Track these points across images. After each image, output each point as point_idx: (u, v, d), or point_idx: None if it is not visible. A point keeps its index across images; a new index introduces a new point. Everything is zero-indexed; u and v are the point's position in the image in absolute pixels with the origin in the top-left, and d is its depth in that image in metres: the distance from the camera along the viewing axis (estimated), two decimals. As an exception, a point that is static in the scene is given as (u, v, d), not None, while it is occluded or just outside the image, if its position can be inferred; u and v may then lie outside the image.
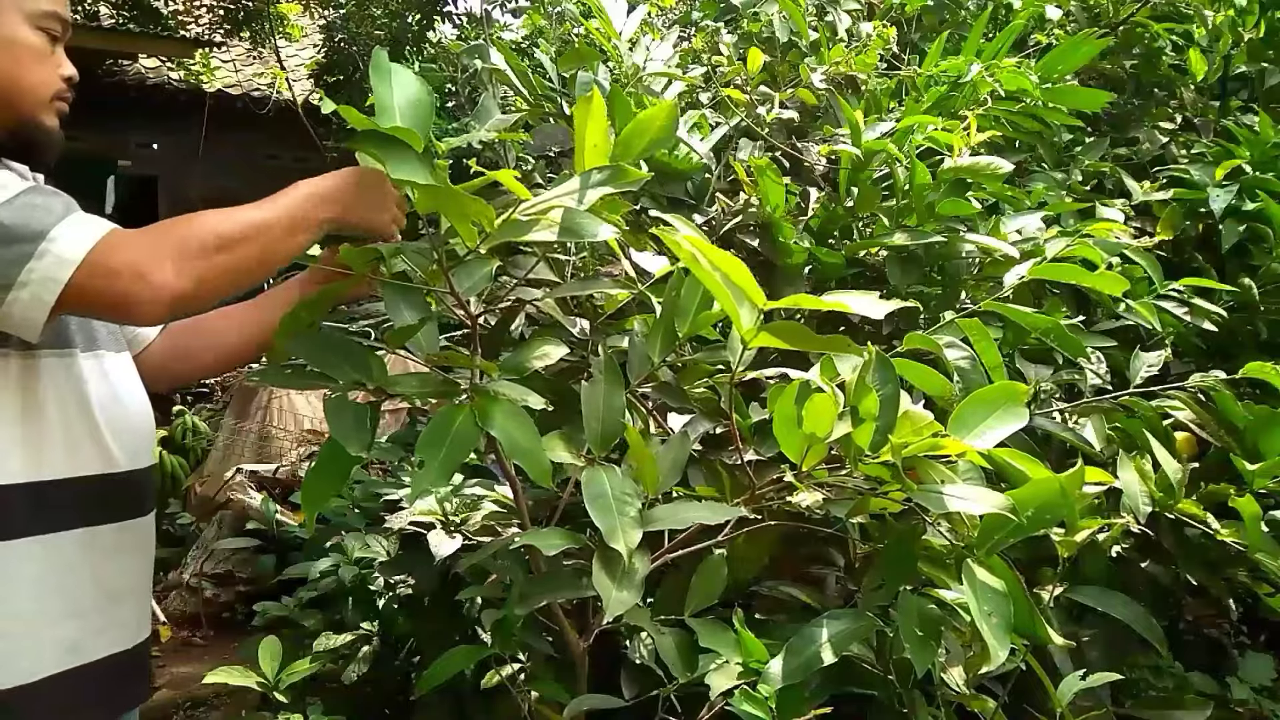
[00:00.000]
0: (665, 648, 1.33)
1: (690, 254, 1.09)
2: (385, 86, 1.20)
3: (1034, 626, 1.24)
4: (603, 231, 1.15)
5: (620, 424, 1.31)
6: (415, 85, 1.22)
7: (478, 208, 1.12)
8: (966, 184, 1.82)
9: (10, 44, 1.18)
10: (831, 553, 1.58)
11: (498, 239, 1.17)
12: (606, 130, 1.21)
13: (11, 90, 1.20)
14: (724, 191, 1.98)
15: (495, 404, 1.19)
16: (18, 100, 1.21)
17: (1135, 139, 2.48)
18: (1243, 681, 1.85)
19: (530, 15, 3.11)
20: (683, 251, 1.10)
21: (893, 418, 1.18)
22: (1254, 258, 2.12)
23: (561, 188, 1.18)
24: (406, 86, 1.21)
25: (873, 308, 1.12)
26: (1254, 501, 1.47)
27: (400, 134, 1.13)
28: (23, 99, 1.21)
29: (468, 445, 1.17)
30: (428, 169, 1.12)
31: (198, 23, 8.84)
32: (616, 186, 1.16)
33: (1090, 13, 2.68)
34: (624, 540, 1.19)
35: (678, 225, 1.10)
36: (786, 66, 2.35)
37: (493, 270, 1.33)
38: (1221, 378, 1.68)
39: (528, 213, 1.17)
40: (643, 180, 1.17)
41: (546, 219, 1.15)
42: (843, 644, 1.25)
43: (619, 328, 1.54)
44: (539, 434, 1.21)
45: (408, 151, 1.12)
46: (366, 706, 1.86)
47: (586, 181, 1.16)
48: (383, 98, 1.19)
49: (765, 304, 1.10)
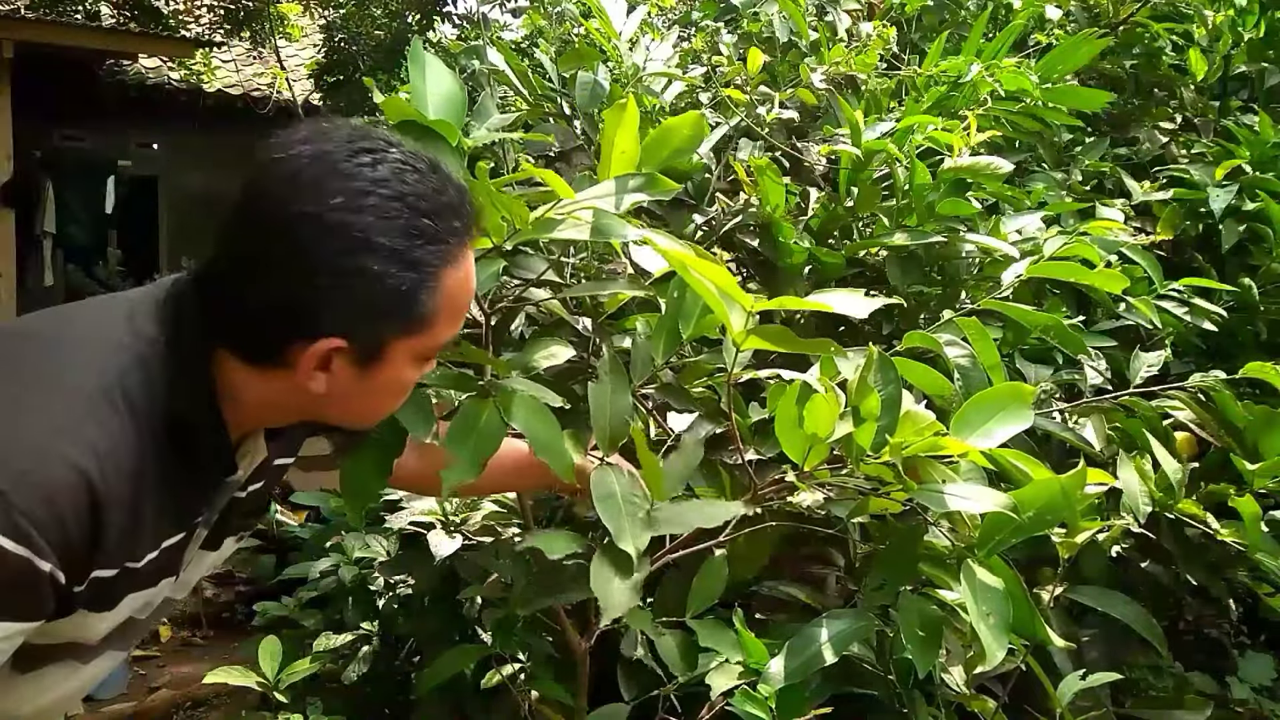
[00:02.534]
0: (666, 648, 1.33)
1: (678, 263, 1.10)
2: (420, 77, 1.19)
3: (1034, 626, 1.24)
4: (632, 234, 1.15)
5: (627, 424, 1.31)
6: (449, 79, 1.21)
7: (511, 202, 1.13)
8: (966, 184, 1.82)
9: (394, 388, 0.98)
10: (832, 553, 1.58)
11: (529, 235, 1.18)
12: (637, 137, 1.21)
13: (358, 420, 1.04)
14: (724, 191, 1.98)
15: (517, 399, 1.20)
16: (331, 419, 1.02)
17: (1135, 139, 2.48)
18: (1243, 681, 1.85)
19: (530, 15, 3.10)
20: (670, 260, 1.11)
21: (894, 417, 1.18)
22: (1254, 258, 2.12)
23: (595, 190, 1.18)
24: (441, 79, 1.21)
25: (856, 306, 1.12)
26: (1254, 501, 1.47)
27: (439, 126, 1.13)
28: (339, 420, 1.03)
29: (496, 438, 1.17)
30: (461, 161, 1.13)
31: (198, 23, 8.84)
32: (650, 194, 1.17)
33: (1090, 13, 2.68)
34: (633, 542, 1.19)
35: (657, 238, 1.10)
36: (786, 66, 2.35)
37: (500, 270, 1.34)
38: (1221, 378, 1.68)
39: (562, 212, 1.17)
40: (675, 191, 1.18)
41: (574, 218, 1.15)
42: (843, 644, 1.25)
43: (620, 327, 1.54)
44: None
45: (443, 143, 1.12)
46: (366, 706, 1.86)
47: (623, 187, 1.16)
48: (418, 88, 1.19)
49: (752, 306, 1.10)
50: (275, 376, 0.91)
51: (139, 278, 7.51)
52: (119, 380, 0.85)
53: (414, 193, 0.87)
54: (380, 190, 0.85)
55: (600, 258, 1.59)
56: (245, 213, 0.88)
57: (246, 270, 0.87)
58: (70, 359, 0.87)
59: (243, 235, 0.88)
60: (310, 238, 0.84)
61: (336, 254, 0.84)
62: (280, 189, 0.85)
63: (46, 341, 0.90)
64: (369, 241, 0.84)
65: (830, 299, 1.13)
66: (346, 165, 0.85)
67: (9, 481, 0.77)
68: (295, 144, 0.87)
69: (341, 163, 0.85)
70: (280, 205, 0.85)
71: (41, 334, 0.92)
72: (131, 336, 0.89)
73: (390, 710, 1.87)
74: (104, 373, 0.85)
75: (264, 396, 0.93)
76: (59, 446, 0.80)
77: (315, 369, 0.89)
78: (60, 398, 0.83)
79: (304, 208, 0.84)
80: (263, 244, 0.86)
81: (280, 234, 0.85)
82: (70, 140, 8.44)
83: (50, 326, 0.93)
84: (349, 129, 0.89)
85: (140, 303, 0.94)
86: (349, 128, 0.89)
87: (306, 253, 0.84)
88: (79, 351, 0.87)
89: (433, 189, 0.89)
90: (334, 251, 0.84)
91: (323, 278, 0.84)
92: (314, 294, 0.85)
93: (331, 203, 0.84)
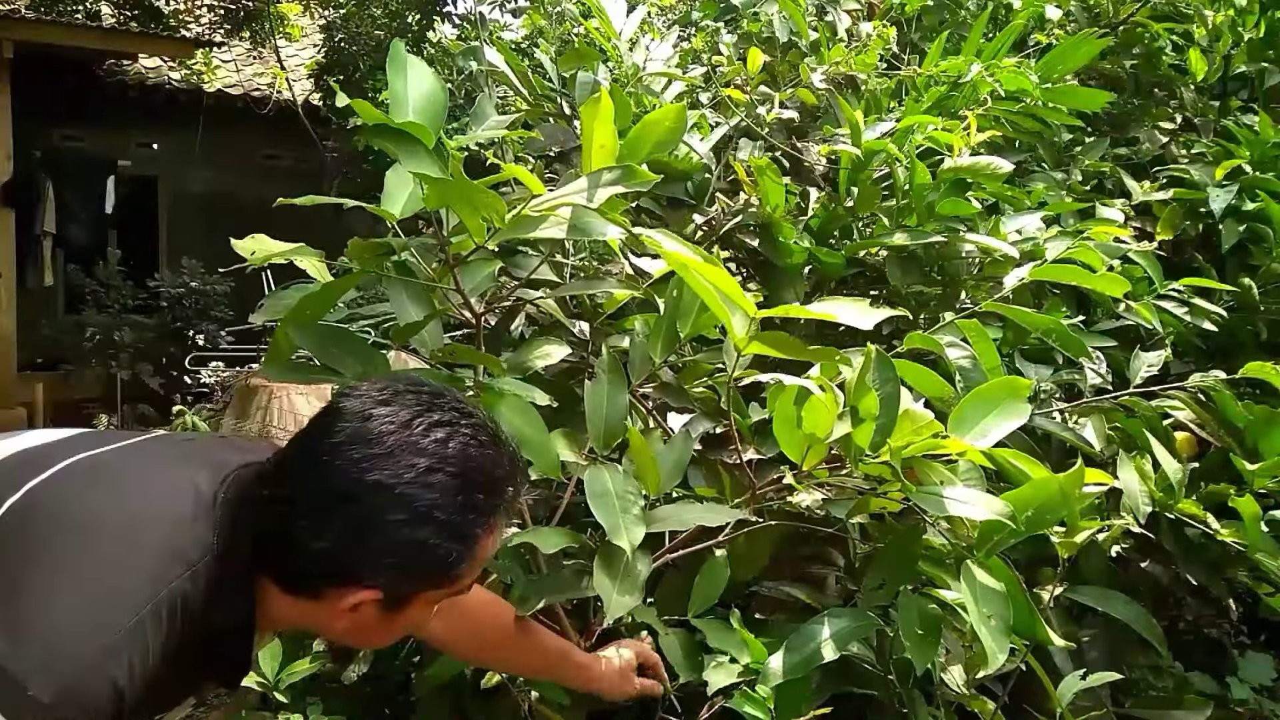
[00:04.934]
0: (669, 647, 1.33)
1: (680, 265, 1.09)
2: (400, 79, 1.19)
3: (1034, 627, 1.24)
4: (610, 231, 1.15)
5: (623, 423, 1.31)
6: (430, 79, 1.21)
7: (490, 201, 1.12)
8: (966, 184, 1.82)
9: (407, 627, 1.03)
10: (831, 553, 1.58)
11: (507, 234, 1.17)
12: (614, 131, 1.21)
13: (362, 646, 1.12)
14: (724, 191, 1.98)
15: (501, 399, 1.21)
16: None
17: (1135, 139, 2.48)
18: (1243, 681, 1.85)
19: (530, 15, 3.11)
20: (672, 262, 1.10)
21: (893, 417, 1.17)
22: (1254, 258, 2.12)
23: (571, 186, 1.18)
24: (421, 80, 1.21)
25: (861, 318, 1.12)
26: (1254, 501, 1.47)
27: (412, 129, 1.13)
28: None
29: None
30: (438, 163, 1.12)
31: (198, 22, 8.84)
32: (626, 187, 1.16)
33: (1090, 13, 2.68)
34: (627, 537, 1.19)
35: (661, 239, 1.10)
36: (786, 66, 2.35)
37: (496, 270, 1.34)
38: (1221, 378, 1.68)
39: (537, 209, 1.17)
40: (652, 182, 1.18)
41: (555, 216, 1.15)
42: (843, 642, 1.25)
43: (619, 327, 1.54)
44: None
45: (418, 146, 1.12)
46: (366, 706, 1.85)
47: (596, 181, 1.16)
48: (397, 91, 1.19)
49: (756, 313, 1.10)
50: (302, 604, 0.95)
51: (139, 278, 7.54)
52: (171, 596, 0.87)
53: (476, 468, 0.93)
54: (448, 468, 0.91)
55: (599, 258, 1.59)
56: (318, 466, 0.91)
57: (308, 517, 0.91)
58: (134, 565, 0.88)
59: (312, 487, 0.91)
60: (378, 507, 0.89)
61: (399, 524, 0.89)
62: (357, 452, 0.90)
63: (114, 530, 0.90)
64: (430, 515, 0.90)
65: (836, 309, 1.12)
66: (423, 440, 0.91)
67: (53, 693, 0.79)
68: (374, 404, 0.92)
69: (419, 437, 0.91)
70: (356, 468, 0.89)
71: (106, 516, 0.91)
72: (192, 542, 0.91)
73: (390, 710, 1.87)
74: (161, 585, 0.87)
75: (287, 617, 0.98)
76: (108, 668, 0.82)
77: (345, 611, 0.94)
78: (118, 614, 0.84)
79: (379, 477, 0.89)
80: (332, 501, 0.90)
81: (351, 497, 0.89)
82: (70, 140, 8.44)
83: (117, 503, 0.93)
84: (426, 395, 0.94)
85: (204, 492, 0.94)
86: (426, 393, 0.94)
87: (370, 519, 0.89)
88: (143, 557, 0.89)
89: (491, 462, 0.95)
90: (397, 522, 0.89)
91: (380, 541, 0.90)
92: (365, 552, 0.90)
93: (405, 477, 0.89)
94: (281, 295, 1.30)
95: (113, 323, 7.22)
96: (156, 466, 1.00)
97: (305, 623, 0.99)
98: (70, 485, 0.93)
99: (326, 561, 0.91)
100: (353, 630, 0.98)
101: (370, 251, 1.24)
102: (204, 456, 1.00)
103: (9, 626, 0.81)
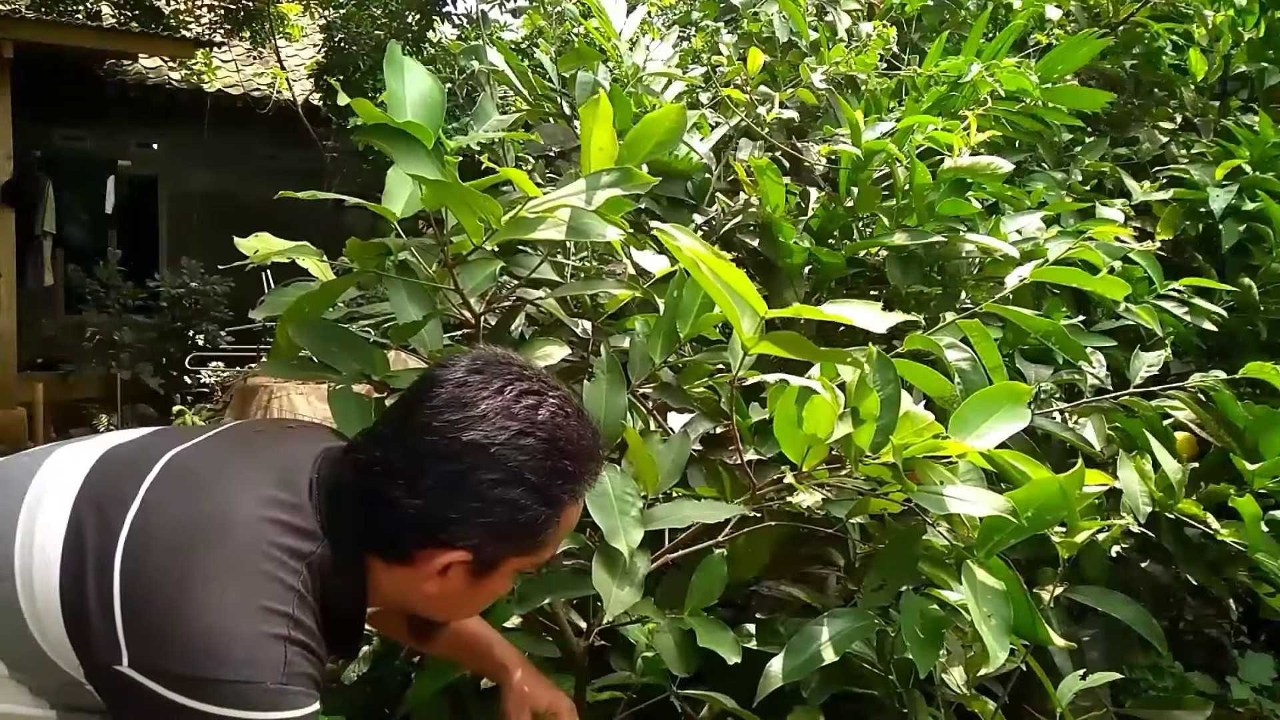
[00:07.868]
0: (664, 646, 1.33)
1: (691, 261, 1.09)
2: (398, 80, 1.20)
3: (1034, 627, 1.24)
4: (609, 232, 1.15)
5: (622, 423, 1.31)
6: (427, 81, 1.21)
7: (486, 204, 1.12)
8: (966, 184, 1.82)
9: (491, 595, 1.07)
10: (831, 553, 1.58)
11: (504, 236, 1.17)
12: (613, 132, 1.21)
13: (444, 616, 1.13)
14: (724, 191, 1.98)
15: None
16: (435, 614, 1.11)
17: (1135, 139, 2.48)
18: (1243, 681, 1.85)
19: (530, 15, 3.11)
20: (684, 257, 1.10)
21: (893, 418, 1.17)
22: (1254, 258, 2.12)
23: (569, 187, 1.18)
24: (418, 82, 1.21)
25: (874, 320, 1.12)
26: (1254, 501, 1.47)
27: (411, 129, 1.13)
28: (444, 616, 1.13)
29: None
30: (436, 164, 1.12)
31: (198, 22, 8.84)
32: (625, 189, 1.16)
33: (1090, 13, 2.68)
34: (625, 539, 1.19)
35: (676, 234, 1.10)
36: (786, 66, 2.35)
37: (496, 270, 1.33)
38: (1221, 378, 1.68)
39: (535, 211, 1.17)
40: (650, 184, 1.18)
41: (554, 217, 1.15)
42: (843, 643, 1.25)
43: (619, 327, 1.54)
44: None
45: (417, 146, 1.12)
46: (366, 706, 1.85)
47: (595, 182, 1.16)
48: (395, 91, 1.19)
49: (766, 312, 1.10)
50: (396, 572, 0.99)
51: (139, 278, 7.54)
52: (302, 584, 0.92)
53: (564, 437, 0.97)
54: (539, 433, 0.95)
55: (600, 258, 1.59)
56: (416, 428, 0.95)
57: (405, 476, 0.94)
58: (264, 570, 0.91)
59: (410, 448, 0.95)
60: (473, 465, 0.93)
61: (492, 483, 0.93)
62: (453, 414, 0.94)
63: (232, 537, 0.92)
64: (521, 476, 0.94)
65: (848, 311, 1.12)
66: (514, 407, 0.95)
67: (233, 671, 0.85)
68: (468, 373, 0.97)
69: (510, 403, 0.95)
70: (453, 429, 0.93)
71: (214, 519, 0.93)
72: (304, 534, 0.94)
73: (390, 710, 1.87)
74: (293, 579, 0.92)
75: (386, 588, 1.01)
76: (274, 634, 0.88)
77: (435, 574, 0.97)
78: (278, 607, 0.89)
79: (475, 437, 0.93)
80: (429, 460, 0.94)
81: (447, 456, 0.93)
82: (70, 140, 8.45)
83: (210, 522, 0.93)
84: (516, 366, 0.99)
85: (299, 484, 0.97)
86: (515, 365, 0.99)
87: (464, 477, 0.93)
88: (267, 561, 0.91)
89: (577, 433, 0.98)
90: (490, 481, 0.93)
91: (473, 499, 0.93)
92: (459, 511, 0.93)
93: (499, 439, 0.93)
94: (282, 292, 1.30)
95: (113, 323, 7.23)
96: (247, 463, 1.01)
97: (400, 591, 1.01)
98: (174, 488, 0.95)
99: (421, 522, 0.94)
100: (440, 596, 1.00)
101: (369, 251, 1.24)
102: (296, 439, 1.04)
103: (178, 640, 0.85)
